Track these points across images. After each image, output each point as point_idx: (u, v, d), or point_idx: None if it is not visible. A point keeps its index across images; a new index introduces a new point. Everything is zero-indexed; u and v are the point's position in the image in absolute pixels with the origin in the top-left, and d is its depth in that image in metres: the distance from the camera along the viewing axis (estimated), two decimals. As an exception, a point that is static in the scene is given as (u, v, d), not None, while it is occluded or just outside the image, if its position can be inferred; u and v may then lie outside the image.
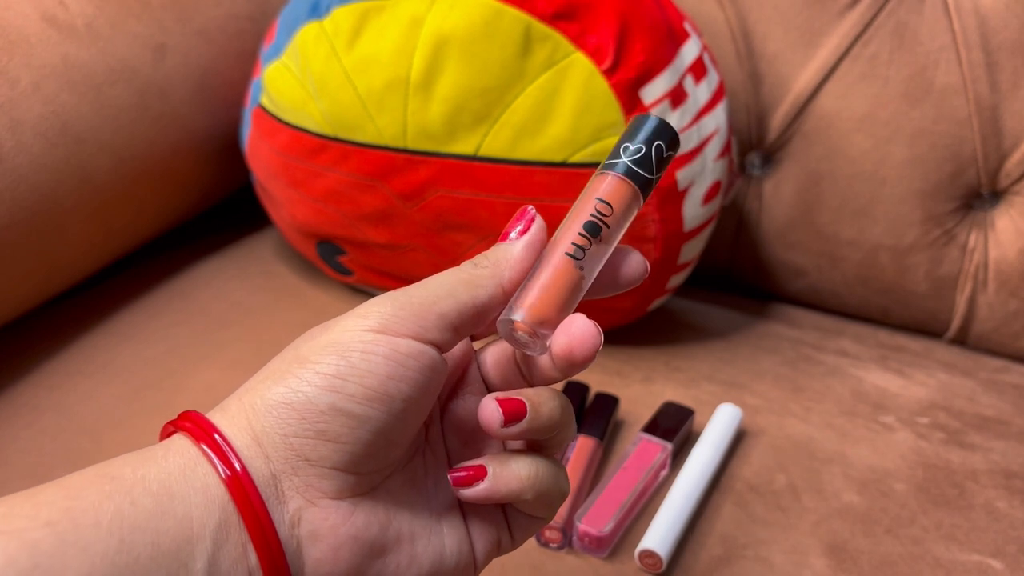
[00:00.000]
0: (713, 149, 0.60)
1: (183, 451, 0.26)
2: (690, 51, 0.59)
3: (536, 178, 0.56)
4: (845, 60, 0.68)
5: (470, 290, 0.29)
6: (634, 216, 0.31)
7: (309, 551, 0.26)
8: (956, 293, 0.69)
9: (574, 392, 0.57)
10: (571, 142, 0.55)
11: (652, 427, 0.54)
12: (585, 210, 0.30)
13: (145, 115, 0.67)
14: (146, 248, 0.75)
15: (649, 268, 0.32)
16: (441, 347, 0.28)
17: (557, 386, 0.56)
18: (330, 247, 0.68)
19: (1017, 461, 0.55)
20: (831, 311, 0.75)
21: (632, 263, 0.32)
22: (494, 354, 0.32)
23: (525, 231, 0.30)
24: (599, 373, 0.62)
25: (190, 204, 0.77)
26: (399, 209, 0.61)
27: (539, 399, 0.29)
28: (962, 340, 0.71)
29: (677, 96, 0.57)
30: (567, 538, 0.47)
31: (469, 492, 0.29)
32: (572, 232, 0.30)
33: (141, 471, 0.25)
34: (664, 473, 0.52)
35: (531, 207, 0.31)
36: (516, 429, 0.28)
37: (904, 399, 0.62)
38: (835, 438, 0.57)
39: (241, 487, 0.25)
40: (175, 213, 0.76)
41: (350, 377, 0.26)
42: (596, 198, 0.30)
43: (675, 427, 0.54)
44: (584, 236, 0.30)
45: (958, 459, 0.55)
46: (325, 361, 0.26)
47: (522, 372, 0.31)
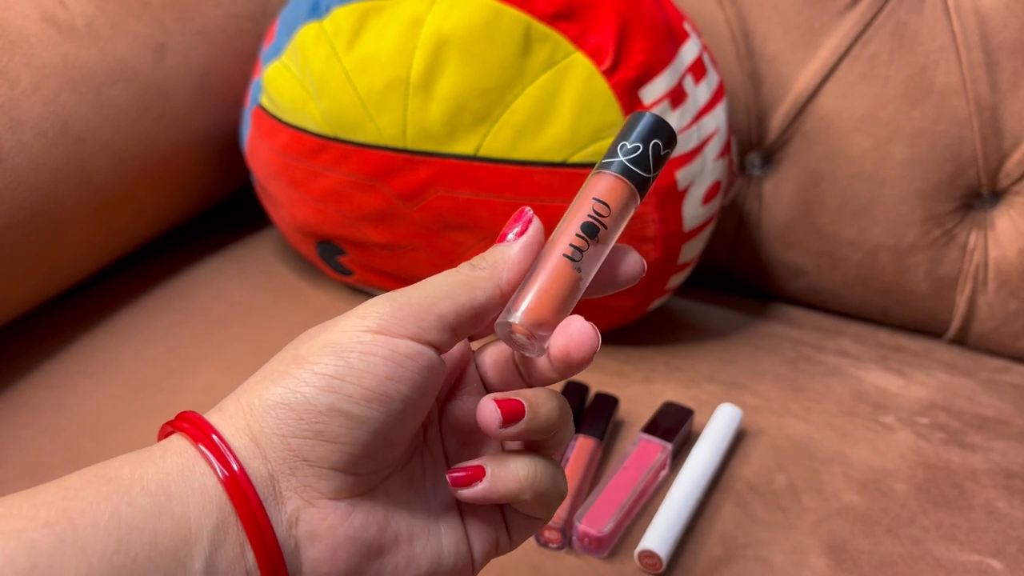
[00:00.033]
0: (713, 149, 0.60)
1: (181, 452, 0.26)
2: (690, 51, 0.59)
3: (536, 178, 0.56)
4: (845, 60, 0.68)
5: (468, 291, 0.29)
6: (631, 215, 0.31)
7: (307, 551, 0.26)
8: (956, 293, 0.69)
9: (574, 392, 0.57)
10: (571, 142, 0.55)
11: (652, 427, 0.54)
12: (582, 210, 0.30)
13: (145, 115, 0.67)
14: (146, 248, 0.75)
15: (646, 267, 0.32)
16: (439, 348, 0.28)
17: (556, 386, 0.57)
18: (330, 247, 0.68)
19: (1017, 461, 0.55)
20: (831, 311, 0.75)
21: (629, 262, 0.32)
22: (493, 355, 0.32)
23: (522, 232, 0.30)
24: (599, 373, 0.62)
25: (190, 204, 0.77)
26: (399, 209, 0.61)
27: (537, 400, 0.29)
28: (962, 340, 0.71)
29: (677, 96, 0.57)
30: (567, 538, 0.47)
31: (467, 492, 0.29)
32: (569, 233, 0.30)
33: (139, 471, 0.25)
34: (664, 473, 0.52)
35: (528, 208, 0.31)
36: (514, 430, 0.28)
37: (904, 399, 0.62)
38: (835, 438, 0.57)
39: (239, 487, 0.25)
40: (175, 213, 0.76)
41: (348, 378, 0.26)
42: (593, 198, 0.30)
43: (675, 427, 0.54)
44: (581, 237, 0.30)
45: (958, 459, 0.55)
46: (323, 361, 0.26)
47: (520, 373, 0.31)
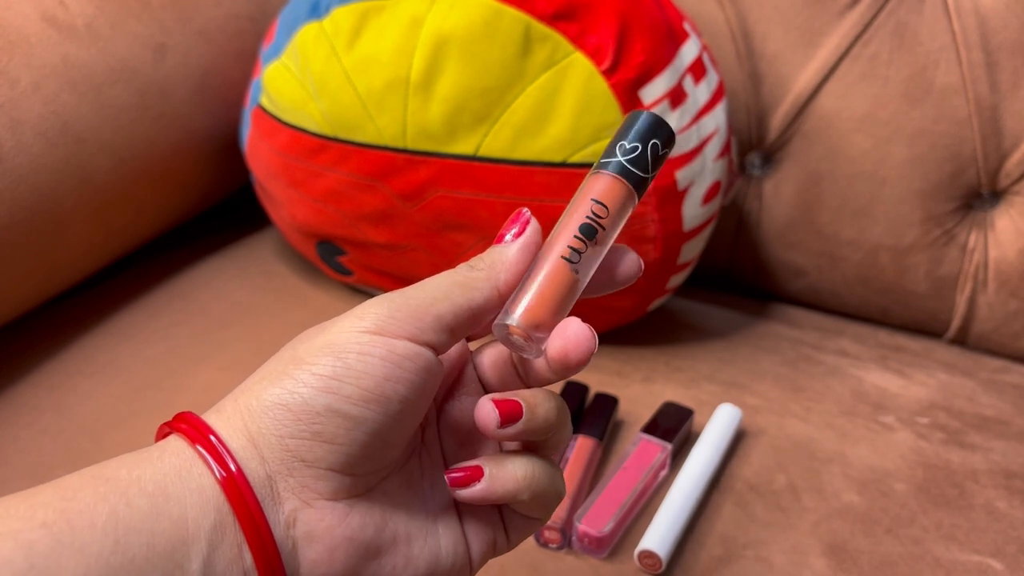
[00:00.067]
0: (713, 149, 0.60)
1: (179, 452, 0.26)
2: (690, 51, 0.59)
3: (536, 178, 0.56)
4: (845, 60, 0.68)
5: (466, 292, 0.29)
6: (629, 215, 0.31)
7: (305, 552, 0.26)
8: (956, 293, 0.69)
9: (574, 392, 0.57)
10: (571, 142, 0.55)
11: (652, 427, 0.54)
12: (580, 211, 0.30)
13: (145, 115, 0.67)
14: (146, 248, 0.75)
15: (643, 267, 0.32)
16: (437, 349, 0.28)
17: (555, 387, 0.57)
18: (330, 247, 0.68)
19: (1017, 461, 0.55)
20: (831, 311, 0.75)
21: (627, 262, 0.32)
22: (491, 355, 0.32)
23: (520, 233, 0.30)
24: (599, 373, 0.62)
25: (190, 204, 0.77)
26: (399, 209, 0.61)
27: (535, 400, 0.29)
28: (962, 340, 0.71)
29: (677, 96, 0.57)
30: (566, 538, 0.47)
31: (466, 492, 0.29)
32: (567, 234, 0.30)
33: (137, 472, 0.25)
34: (664, 473, 0.52)
35: (526, 209, 0.31)
36: (512, 430, 0.28)
37: (904, 399, 0.62)
38: (835, 438, 0.57)
39: (236, 488, 0.25)
40: (175, 213, 0.76)
41: (346, 378, 0.26)
42: (591, 199, 0.30)
43: (675, 427, 0.54)
44: (579, 239, 0.30)
45: (958, 459, 0.55)
46: (321, 362, 0.26)
47: (518, 373, 0.31)
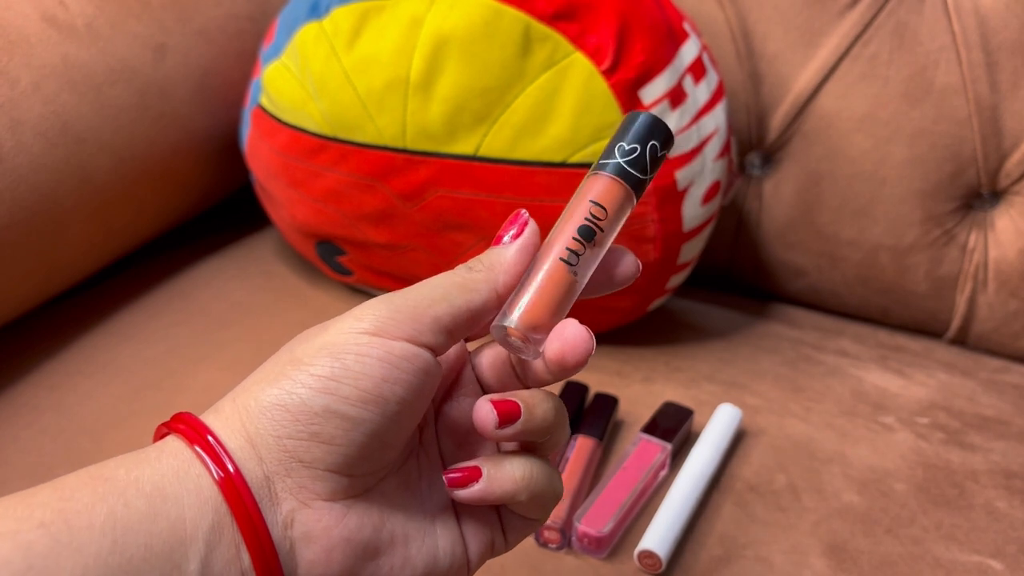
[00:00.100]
0: (712, 149, 0.60)
1: (176, 453, 0.26)
2: (689, 51, 0.59)
3: (536, 178, 0.56)
4: (845, 60, 0.68)
5: (464, 294, 0.29)
6: (627, 216, 0.31)
7: (302, 552, 0.26)
8: (956, 293, 0.69)
9: (573, 392, 0.57)
10: (571, 142, 0.55)
11: (652, 427, 0.54)
12: (578, 213, 0.30)
13: (145, 115, 0.67)
14: (146, 248, 0.75)
15: (641, 267, 0.32)
16: (435, 350, 0.28)
17: (555, 387, 0.57)
18: (330, 247, 0.68)
19: (1017, 461, 0.55)
20: (831, 311, 0.75)
21: (625, 263, 0.32)
22: (489, 356, 0.32)
23: (518, 235, 0.30)
24: (599, 373, 0.62)
25: (190, 204, 0.77)
26: (399, 209, 0.61)
27: (533, 401, 0.29)
28: (962, 340, 0.71)
29: (676, 96, 0.57)
30: (566, 538, 0.47)
31: (464, 493, 0.29)
32: (566, 236, 0.30)
33: (135, 473, 0.25)
34: (664, 473, 0.52)
35: (524, 210, 0.31)
36: (510, 431, 0.28)
37: (904, 399, 0.62)
38: (835, 438, 0.57)
39: (234, 488, 0.25)
40: (175, 213, 0.76)
41: (344, 379, 0.26)
42: (590, 200, 0.30)
43: (675, 427, 0.54)
44: (578, 241, 0.30)
45: (958, 459, 0.55)
46: (319, 363, 0.26)
47: (517, 374, 0.31)
